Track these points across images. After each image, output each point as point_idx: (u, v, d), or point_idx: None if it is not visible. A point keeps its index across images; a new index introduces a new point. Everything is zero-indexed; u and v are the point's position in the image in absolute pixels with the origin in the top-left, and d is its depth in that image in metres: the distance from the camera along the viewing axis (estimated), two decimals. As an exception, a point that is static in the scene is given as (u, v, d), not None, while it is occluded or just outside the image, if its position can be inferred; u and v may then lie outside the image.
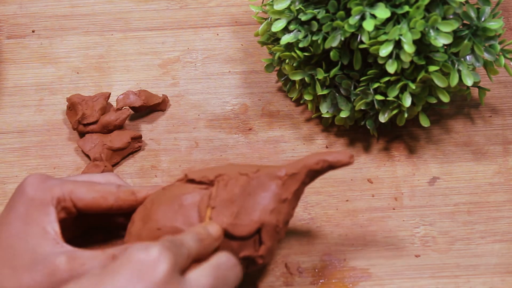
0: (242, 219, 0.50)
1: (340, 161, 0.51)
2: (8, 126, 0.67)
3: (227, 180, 0.51)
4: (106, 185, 0.53)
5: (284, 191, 0.51)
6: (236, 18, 0.74)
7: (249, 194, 0.51)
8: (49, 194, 0.51)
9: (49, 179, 0.52)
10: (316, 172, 0.52)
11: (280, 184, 0.51)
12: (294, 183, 0.52)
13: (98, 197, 0.52)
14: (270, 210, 0.51)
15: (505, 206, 0.61)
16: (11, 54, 0.72)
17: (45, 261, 0.48)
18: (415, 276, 0.57)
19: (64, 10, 0.75)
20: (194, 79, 0.70)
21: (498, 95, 0.68)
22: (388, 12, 0.55)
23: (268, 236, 0.51)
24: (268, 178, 0.52)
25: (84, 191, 0.52)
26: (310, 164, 0.52)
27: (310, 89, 0.63)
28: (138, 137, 0.65)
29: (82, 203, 0.52)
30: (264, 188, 0.51)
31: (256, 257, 0.51)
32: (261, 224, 0.50)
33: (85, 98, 0.65)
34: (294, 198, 0.52)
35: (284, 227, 0.52)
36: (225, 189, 0.51)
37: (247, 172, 0.52)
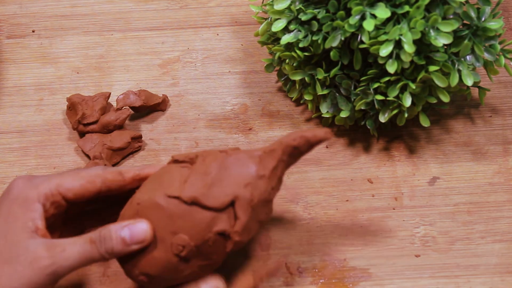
0: (215, 190, 0.50)
1: (316, 135, 0.51)
2: (8, 126, 0.67)
3: (205, 156, 0.52)
4: (92, 170, 0.53)
5: (261, 168, 0.51)
6: (236, 18, 0.74)
7: (225, 169, 0.51)
8: (35, 191, 0.51)
9: (35, 178, 0.52)
10: (294, 149, 0.51)
11: (257, 160, 0.51)
12: (271, 159, 0.51)
13: (85, 183, 0.52)
14: (244, 184, 0.50)
15: (505, 206, 0.61)
16: (11, 54, 0.72)
17: (25, 252, 0.48)
18: (415, 276, 0.57)
19: (64, 10, 0.75)
20: (194, 79, 0.70)
21: (498, 95, 0.68)
22: (388, 12, 0.55)
23: (242, 210, 0.50)
24: (246, 156, 0.52)
25: (70, 180, 0.52)
26: (287, 140, 0.51)
27: (310, 89, 0.63)
28: (138, 137, 0.65)
29: (71, 192, 0.52)
30: (241, 164, 0.51)
31: (231, 232, 0.50)
32: (235, 197, 0.50)
33: (85, 98, 0.65)
34: (273, 176, 0.52)
35: (262, 206, 0.51)
36: (202, 164, 0.51)
37: (226, 150, 0.52)
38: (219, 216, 0.50)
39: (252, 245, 0.59)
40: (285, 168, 0.52)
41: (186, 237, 0.50)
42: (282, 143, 0.51)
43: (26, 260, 0.48)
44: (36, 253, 0.48)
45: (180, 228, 0.50)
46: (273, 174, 0.51)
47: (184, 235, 0.50)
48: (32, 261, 0.48)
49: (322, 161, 0.64)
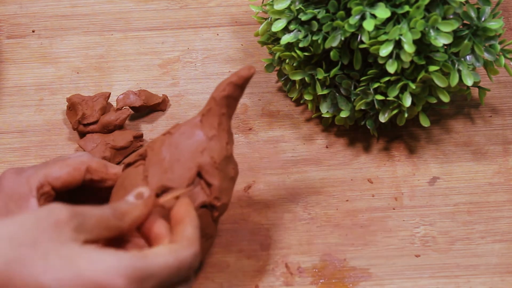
0: (177, 171, 0.50)
1: (241, 76, 0.50)
2: (8, 126, 0.67)
3: (152, 145, 0.52)
4: (78, 157, 0.53)
5: (207, 129, 0.51)
6: (236, 18, 0.74)
7: (176, 147, 0.51)
8: (27, 186, 0.51)
9: (24, 171, 0.52)
10: (228, 97, 0.51)
11: (200, 125, 0.51)
12: (212, 118, 0.51)
13: (71, 170, 0.52)
14: (200, 151, 0.50)
15: (505, 206, 0.61)
16: (11, 54, 0.72)
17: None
18: (415, 276, 0.57)
19: (64, 10, 0.75)
20: (194, 79, 0.70)
21: (498, 95, 0.68)
22: (388, 12, 0.55)
23: (210, 175, 0.50)
24: (188, 126, 0.52)
25: (57, 169, 0.52)
26: (218, 94, 0.51)
27: (310, 89, 0.63)
28: (139, 136, 0.65)
29: (59, 181, 0.52)
30: (188, 136, 0.51)
31: (212, 200, 0.51)
32: (198, 167, 0.50)
33: (85, 98, 0.65)
34: (222, 132, 0.52)
35: (227, 163, 0.51)
36: (153, 153, 0.51)
37: (168, 131, 0.52)
38: (193, 191, 0.50)
39: (252, 245, 0.59)
40: (228, 119, 0.52)
41: None
42: (214, 98, 0.51)
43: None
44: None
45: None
46: (221, 130, 0.51)
47: None
48: None
49: (322, 161, 0.64)
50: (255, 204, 0.62)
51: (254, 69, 0.51)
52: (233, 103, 0.52)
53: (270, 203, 0.62)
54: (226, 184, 0.51)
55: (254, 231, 0.60)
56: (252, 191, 0.62)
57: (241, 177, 0.63)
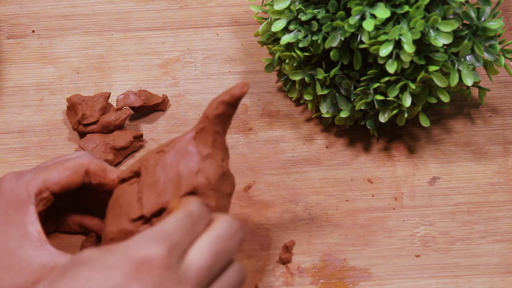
0: (171, 193, 0.49)
1: (234, 95, 0.49)
2: (8, 126, 0.67)
3: (146, 164, 0.51)
4: (77, 158, 0.53)
5: (202, 149, 0.50)
6: (236, 18, 0.74)
7: (170, 167, 0.50)
8: (25, 193, 0.51)
9: (23, 176, 0.52)
10: (221, 116, 0.50)
11: (194, 144, 0.50)
12: (207, 136, 0.50)
13: (70, 174, 0.52)
14: (194, 172, 0.50)
15: (505, 206, 0.61)
16: (11, 54, 0.72)
17: (29, 269, 0.48)
18: (415, 276, 0.57)
19: (64, 10, 0.75)
20: (194, 79, 0.70)
21: (498, 95, 0.68)
22: (388, 12, 0.55)
23: (206, 197, 0.50)
24: (182, 145, 0.51)
25: (56, 174, 0.52)
26: (210, 112, 0.50)
27: (310, 89, 0.63)
28: (139, 136, 0.65)
29: (57, 186, 0.52)
30: (182, 155, 0.50)
31: None
32: (193, 188, 0.50)
33: (85, 98, 0.65)
34: (217, 150, 0.51)
35: (222, 181, 0.51)
36: (147, 173, 0.51)
37: (162, 149, 0.51)
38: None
39: (252, 245, 0.59)
40: (223, 135, 0.51)
41: None
42: (208, 117, 0.50)
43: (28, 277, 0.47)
44: (38, 274, 0.48)
45: None
46: (215, 148, 0.51)
47: None
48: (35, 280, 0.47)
49: (322, 161, 0.64)
50: (255, 204, 0.62)
51: (247, 87, 0.49)
52: (226, 120, 0.51)
53: (270, 203, 0.62)
54: (222, 202, 0.51)
55: (254, 231, 0.60)
56: (252, 191, 0.62)
57: (241, 177, 0.63)
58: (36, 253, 0.48)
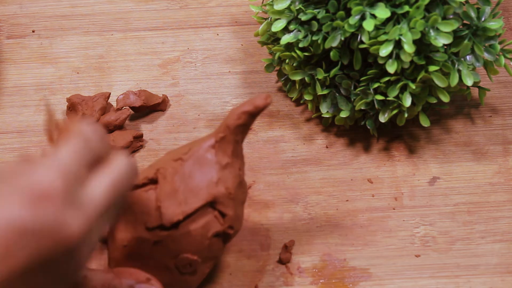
0: (191, 203, 0.49)
1: (257, 106, 0.50)
2: (8, 126, 0.67)
3: (163, 172, 0.51)
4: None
5: (221, 158, 0.50)
6: (236, 18, 0.74)
7: (189, 177, 0.50)
8: None
9: None
10: (242, 126, 0.50)
11: (214, 153, 0.50)
12: (227, 146, 0.51)
13: None
14: (215, 183, 0.50)
15: (505, 206, 0.61)
16: (11, 54, 0.72)
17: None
18: (415, 276, 0.57)
19: (64, 10, 0.75)
20: (194, 79, 0.70)
21: (498, 95, 0.68)
22: (388, 12, 0.55)
23: (225, 206, 0.50)
24: (201, 154, 0.51)
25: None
26: (232, 122, 0.50)
27: (310, 89, 0.63)
28: (139, 136, 0.65)
29: None
30: (201, 164, 0.50)
31: (226, 229, 0.50)
32: (213, 198, 0.50)
33: (85, 98, 0.65)
34: (235, 159, 0.51)
35: (239, 190, 0.51)
36: (165, 182, 0.50)
37: (180, 156, 0.51)
38: (208, 222, 0.50)
39: (252, 245, 0.59)
40: (241, 144, 0.52)
41: (188, 255, 0.50)
42: (229, 127, 0.50)
43: None
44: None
45: (178, 250, 0.50)
46: (234, 157, 0.51)
47: (186, 254, 0.50)
48: None
49: (322, 161, 0.64)
50: (255, 204, 0.62)
51: (270, 98, 0.50)
52: (246, 129, 0.51)
53: (270, 203, 0.62)
54: (239, 210, 0.51)
55: (254, 231, 0.60)
56: (252, 191, 0.62)
57: (241, 177, 0.63)
58: None
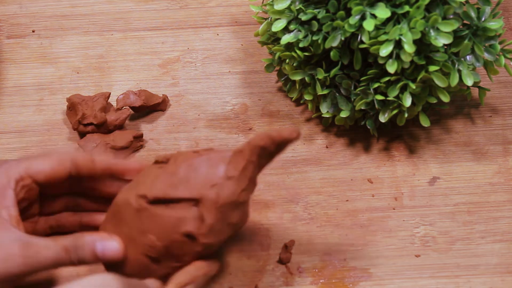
0: (180, 191, 0.50)
1: (281, 135, 0.50)
2: (8, 126, 0.67)
3: (177, 156, 0.52)
4: (62, 152, 0.53)
5: (231, 168, 0.50)
6: (236, 18, 0.74)
7: (194, 169, 0.50)
8: (5, 177, 0.50)
9: (5, 163, 0.52)
10: (262, 149, 0.50)
11: (227, 161, 0.51)
12: (240, 160, 0.50)
13: (55, 165, 0.51)
14: (211, 185, 0.50)
15: (505, 206, 0.61)
16: (11, 54, 0.72)
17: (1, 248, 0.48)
18: (415, 276, 0.57)
19: (64, 10, 0.75)
20: (194, 79, 0.70)
21: (498, 95, 0.68)
22: (388, 12, 0.55)
23: (207, 211, 0.50)
24: (217, 156, 0.51)
25: (40, 163, 0.51)
26: (254, 140, 0.50)
27: (310, 89, 0.63)
28: (139, 136, 0.65)
29: (41, 175, 0.51)
30: (210, 165, 0.51)
31: (198, 234, 0.50)
32: (200, 197, 0.50)
33: (85, 98, 0.65)
34: (243, 177, 0.51)
35: (231, 208, 0.50)
36: (173, 164, 0.51)
37: (199, 150, 0.52)
38: (186, 217, 0.50)
39: (252, 245, 0.59)
40: (255, 169, 0.51)
41: (153, 237, 0.50)
42: (250, 143, 0.50)
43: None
44: (9, 250, 0.48)
45: (148, 228, 0.50)
46: (243, 175, 0.50)
47: (152, 235, 0.50)
48: (5, 258, 0.47)
49: (322, 161, 0.64)
50: (255, 204, 0.62)
51: (297, 134, 0.50)
52: (266, 156, 0.51)
53: (270, 203, 0.62)
54: (221, 226, 0.50)
55: (254, 231, 0.60)
56: (252, 191, 0.62)
57: (241, 177, 0.63)
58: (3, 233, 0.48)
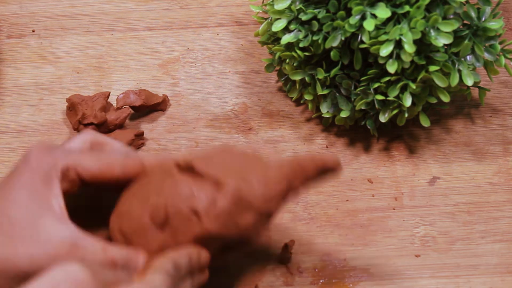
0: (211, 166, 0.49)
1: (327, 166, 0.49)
2: (8, 126, 0.67)
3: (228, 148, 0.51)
4: (113, 155, 0.51)
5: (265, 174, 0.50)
6: (236, 18, 0.74)
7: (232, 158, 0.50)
8: (53, 166, 0.49)
9: (54, 150, 0.50)
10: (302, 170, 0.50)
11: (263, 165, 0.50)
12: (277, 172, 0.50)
13: (104, 166, 0.50)
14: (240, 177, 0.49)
15: (505, 206, 0.61)
16: (11, 54, 0.72)
17: (47, 242, 0.46)
18: (415, 276, 0.57)
19: (64, 10, 0.75)
20: (194, 79, 0.70)
21: (498, 95, 0.68)
22: (388, 12, 0.55)
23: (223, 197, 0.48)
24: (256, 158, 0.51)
25: (89, 161, 0.50)
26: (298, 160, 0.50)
27: (310, 89, 0.63)
28: (140, 134, 0.65)
29: (88, 174, 0.49)
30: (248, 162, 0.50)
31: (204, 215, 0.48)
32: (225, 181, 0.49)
33: (85, 98, 0.65)
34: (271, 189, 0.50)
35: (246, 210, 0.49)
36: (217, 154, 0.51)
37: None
38: (201, 194, 0.48)
39: (252, 245, 0.59)
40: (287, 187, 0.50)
41: (164, 200, 0.48)
42: (292, 161, 0.50)
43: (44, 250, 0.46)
44: (56, 249, 0.46)
45: (164, 192, 0.49)
46: (273, 186, 0.49)
47: (163, 198, 0.48)
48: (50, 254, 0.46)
49: (322, 161, 0.64)
50: (255, 204, 0.62)
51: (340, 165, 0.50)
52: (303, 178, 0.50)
53: (270, 203, 0.62)
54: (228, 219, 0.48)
55: (254, 231, 0.60)
56: (252, 191, 0.62)
57: (241, 177, 0.63)
58: (56, 226, 0.47)
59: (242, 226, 0.49)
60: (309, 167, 0.49)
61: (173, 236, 0.48)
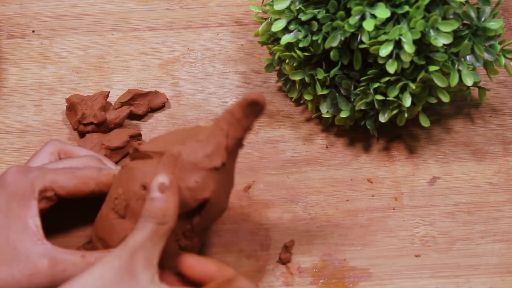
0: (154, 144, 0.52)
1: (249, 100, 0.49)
2: (8, 126, 0.67)
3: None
4: (87, 170, 0.53)
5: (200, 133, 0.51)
6: (236, 18, 0.74)
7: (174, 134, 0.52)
8: (30, 187, 0.51)
9: (30, 171, 0.52)
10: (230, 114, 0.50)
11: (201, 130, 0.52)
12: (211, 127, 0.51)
13: (79, 183, 0.52)
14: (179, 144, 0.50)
15: (505, 206, 0.61)
16: (11, 54, 0.72)
17: (27, 261, 0.48)
18: (415, 276, 0.57)
19: (64, 10, 0.75)
20: (194, 79, 0.70)
21: (498, 95, 0.68)
22: (388, 12, 0.55)
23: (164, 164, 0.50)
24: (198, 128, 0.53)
25: (65, 179, 0.52)
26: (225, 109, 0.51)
27: (310, 89, 0.63)
28: (137, 135, 0.65)
29: (64, 191, 0.52)
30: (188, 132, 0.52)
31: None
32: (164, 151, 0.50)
33: (84, 98, 0.65)
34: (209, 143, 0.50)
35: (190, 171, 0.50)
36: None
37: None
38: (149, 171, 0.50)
39: (252, 245, 0.59)
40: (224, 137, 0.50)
41: (121, 190, 0.50)
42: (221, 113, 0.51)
43: (25, 270, 0.48)
44: (37, 267, 0.48)
45: (121, 183, 0.51)
46: (210, 141, 0.50)
47: (120, 188, 0.50)
48: (31, 274, 0.48)
49: (322, 161, 0.64)
50: (255, 204, 0.62)
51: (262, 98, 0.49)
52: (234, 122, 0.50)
53: (270, 203, 0.62)
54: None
55: (254, 231, 0.60)
56: (252, 191, 0.62)
57: (241, 177, 0.63)
58: (34, 246, 0.49)
59: (193, 187, 0.49)
60: (235, 109, 0.50)
61: (136, 219, 0.50)
